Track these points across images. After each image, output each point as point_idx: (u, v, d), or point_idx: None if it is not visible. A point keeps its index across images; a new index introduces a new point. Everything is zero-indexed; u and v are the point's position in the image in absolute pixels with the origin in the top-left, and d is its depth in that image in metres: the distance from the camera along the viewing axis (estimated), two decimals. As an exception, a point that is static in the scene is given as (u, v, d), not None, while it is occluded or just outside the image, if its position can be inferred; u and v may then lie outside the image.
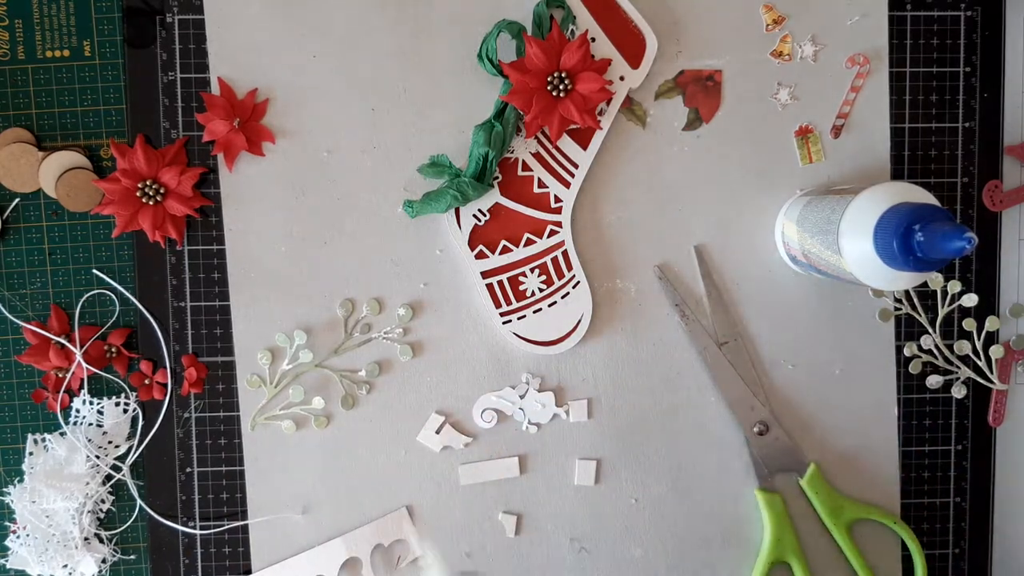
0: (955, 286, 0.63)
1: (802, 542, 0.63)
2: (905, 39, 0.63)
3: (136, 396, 0.62)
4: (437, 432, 0.63)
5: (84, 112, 0.61)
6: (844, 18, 0.62)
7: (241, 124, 0.60)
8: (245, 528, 0.62)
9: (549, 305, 0.62)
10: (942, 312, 0.64)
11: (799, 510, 0.63)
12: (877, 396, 0.64)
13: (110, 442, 0.62)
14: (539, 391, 0.63)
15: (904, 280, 0.52)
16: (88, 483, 0.61)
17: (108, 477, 0.62)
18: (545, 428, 0.63)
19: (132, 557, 0.63)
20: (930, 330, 0.64)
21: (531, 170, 0.61)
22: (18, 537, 0.61)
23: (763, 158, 0.62)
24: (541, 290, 0.62)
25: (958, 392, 0.64)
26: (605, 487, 0.63)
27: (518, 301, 0.62)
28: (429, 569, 0.63)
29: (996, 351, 0.64)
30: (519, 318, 0.62)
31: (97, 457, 0.61)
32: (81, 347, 0.61)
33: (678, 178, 0.62)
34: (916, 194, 0.51)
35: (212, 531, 0.63)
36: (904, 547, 0.64)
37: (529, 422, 0.63)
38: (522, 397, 0.63)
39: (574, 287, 0.62)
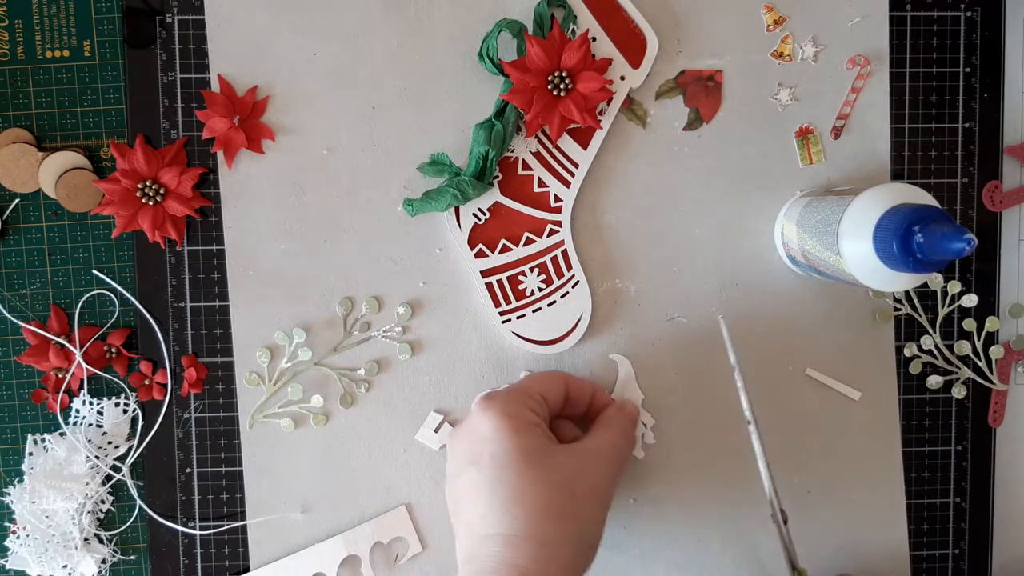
0: (955, 286, 0.63)
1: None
2: (905, 40, 0.63)
3: (136, 396, 0.62)
4: (436, 431, 0.63)
5: (84, 112, 0.61)
6: (845, 19, 0.62)
7: (241, 121, 0.60)
8: (245, 528, 0.62)
9: (548, 304, 0.62)
10: (942, 312, 0.64)
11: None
12: (877, 396, 0.64)
13: (110, 442, 0.62)
14: None
15: (904, 281, 0.52)
16: (88, 483, 0.61)
17: (108, 477, 0.62)
18: (545, 428, 0.63)
19: (132, 557, 0.63)
20: (930, 330, 0.64)
21: (531, 169, 0.61)
22: (18, 538, 0.61)
23: (763, 159, 0.62)
24: (540, 289, 0.62)
25: (958, 392, 0.64)
26: (605, 487, 0.63)
27: (517, 300, 0.62)
28: (428, 566, 0.63)
29: (996, 351, 0.64)
30: (518, 317, 0.62)
31: (97, 457, 0.61)
32: (81, 347, 0.61)
33: (678, 178, 0.62)
34: (916, 195, 0.51)
35: (212, 531, 0.63)
36: None
37: (526, 420, 0.63)
38: None
39: (574, 287, 0.62)
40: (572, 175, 0.62)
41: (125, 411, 0.62)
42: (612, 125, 0.61)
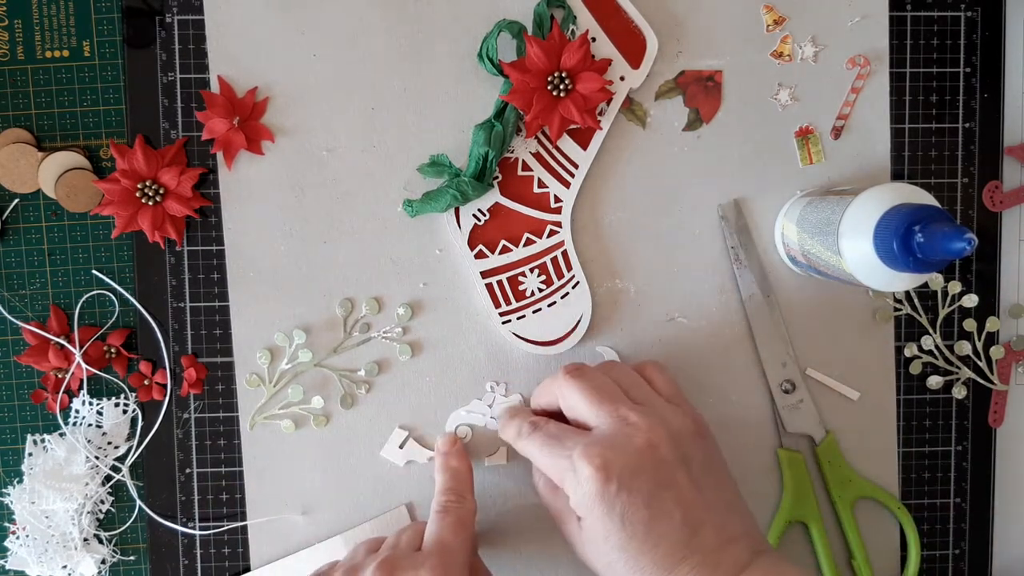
0: (955, 287, 0.63)
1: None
2: (905, 40, 0.63)
3: (135, 397, 0.62)
4: (400, 447, 0.62)
5: (84, 112, 0.61)
6: (845, 19, 0.62)
7: (241, 123, 0.60)
8: (245, 528, 0.62)
9: (548, 305, 0.62)
10: (942, 313, 0.64)
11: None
12: (877, 396, 0.64)
13: (109, 443, 0.62)
14: (505, 396, 0.63)
15: (904, 281, 0.52)
16: (87, 484, 0.61)
17: (108, 478, 0.62)
18: (545, 428, 0.63)
19: (132, 558, 0.63)
20: (930, 331, 0.64)
21: (531, 170, 0.61)
22: (17, 538, 0.61)
23: (763, 159, 0.62)
24: (540, 290, 0.62)
25: (958, 393, 0.64)
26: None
27: (517, 301, 0.62)
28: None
29: (996, 352, 0.64)
30: (518, 318, 0.62)
31: (96, 458, 0.61)
32: (80, 348, 0.61)
33: (678, 178, 0.62)
34: (916, 195, 0.51)
35: (212, 532, 0.63)
36: (902, 536, 0.64)
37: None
38: (490, 406, 0.63)
39: (574, 287, 0.62)
40: (572, 176, 0.62)
41: (125, 411, 0.62)
42: (612, 125, 0.61)
